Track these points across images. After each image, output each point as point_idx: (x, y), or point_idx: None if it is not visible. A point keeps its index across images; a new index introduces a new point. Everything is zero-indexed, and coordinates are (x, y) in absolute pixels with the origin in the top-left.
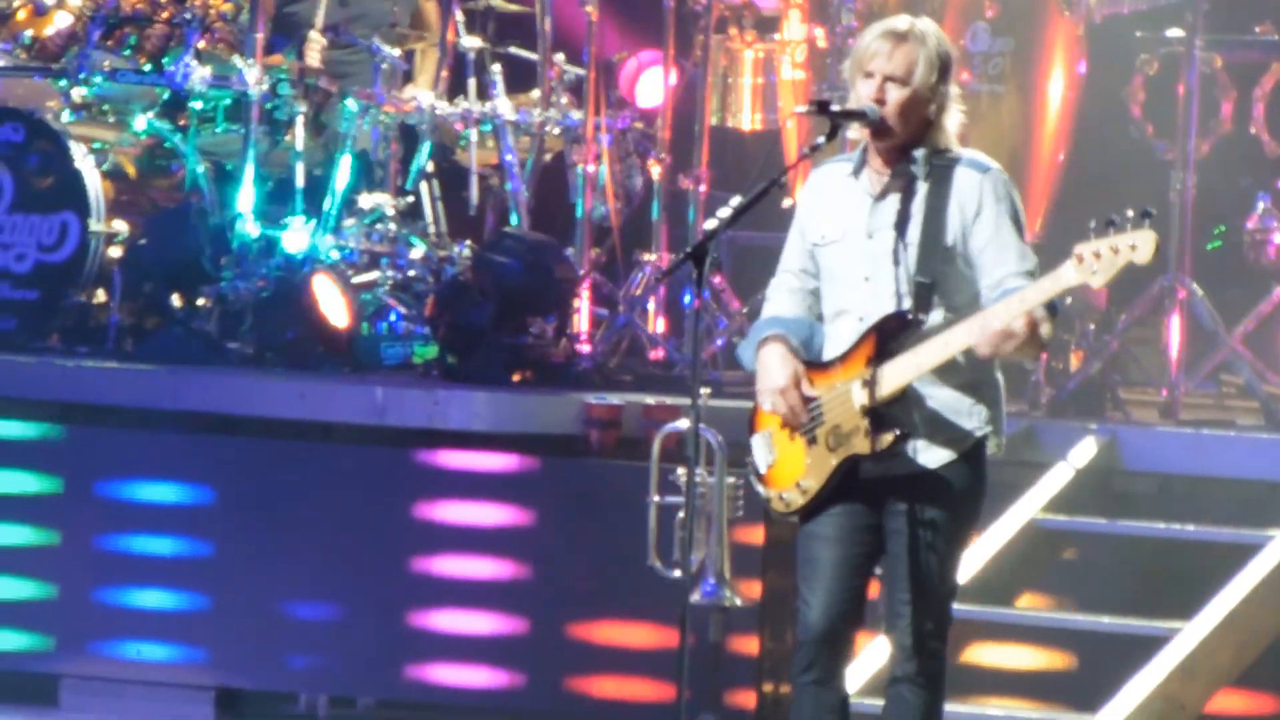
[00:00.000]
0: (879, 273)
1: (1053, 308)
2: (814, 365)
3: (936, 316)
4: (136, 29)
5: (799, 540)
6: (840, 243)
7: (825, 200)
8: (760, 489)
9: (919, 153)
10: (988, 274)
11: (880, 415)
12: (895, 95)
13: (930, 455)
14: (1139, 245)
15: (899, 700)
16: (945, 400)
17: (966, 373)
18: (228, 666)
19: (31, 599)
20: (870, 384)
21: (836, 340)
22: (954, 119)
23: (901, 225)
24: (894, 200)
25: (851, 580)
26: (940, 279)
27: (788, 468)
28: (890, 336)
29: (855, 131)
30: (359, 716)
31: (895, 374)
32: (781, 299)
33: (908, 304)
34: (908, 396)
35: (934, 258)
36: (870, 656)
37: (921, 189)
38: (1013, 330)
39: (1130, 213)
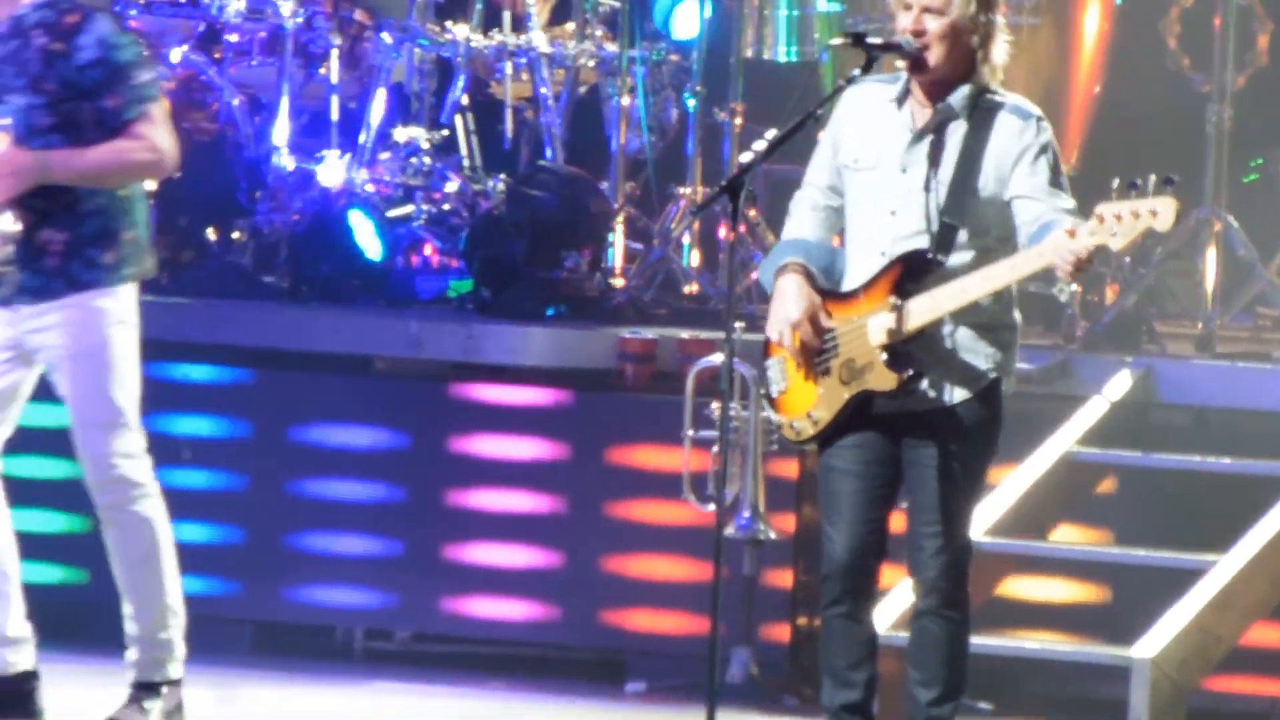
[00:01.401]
0: (907, 208)
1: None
2: (831, 295)
3: (962, 258)
4: None
5: (819, 474)
6: (873, 171)
7: (862, 122)
8: (772, 414)
9: (963, 90)
10: (1027, 211)
11: (896, 353)
12: (933, 26)
13: (946, 393)
14: (1160, 211)
15: (924, 633)
16: (962, 340)
17: (986, 313)
18: (263, 600)
19: (64, 532)
20: (889, 321)
21: (856, 271)
22: (1000, 51)
23: (936, 164)
24: (932, 136)
25: (872, 512)
26: (968, 221)
27: (799, 396)
28: (910, 275)
29: (898, 63)
30: (395, 650)
31: (914, 314)
32: (804, 218)
33: (932, 243)
34: (925, 334)
35: (964, 199)
36: (900, 592)
37: (961, 129)
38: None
39: (1153, 177)
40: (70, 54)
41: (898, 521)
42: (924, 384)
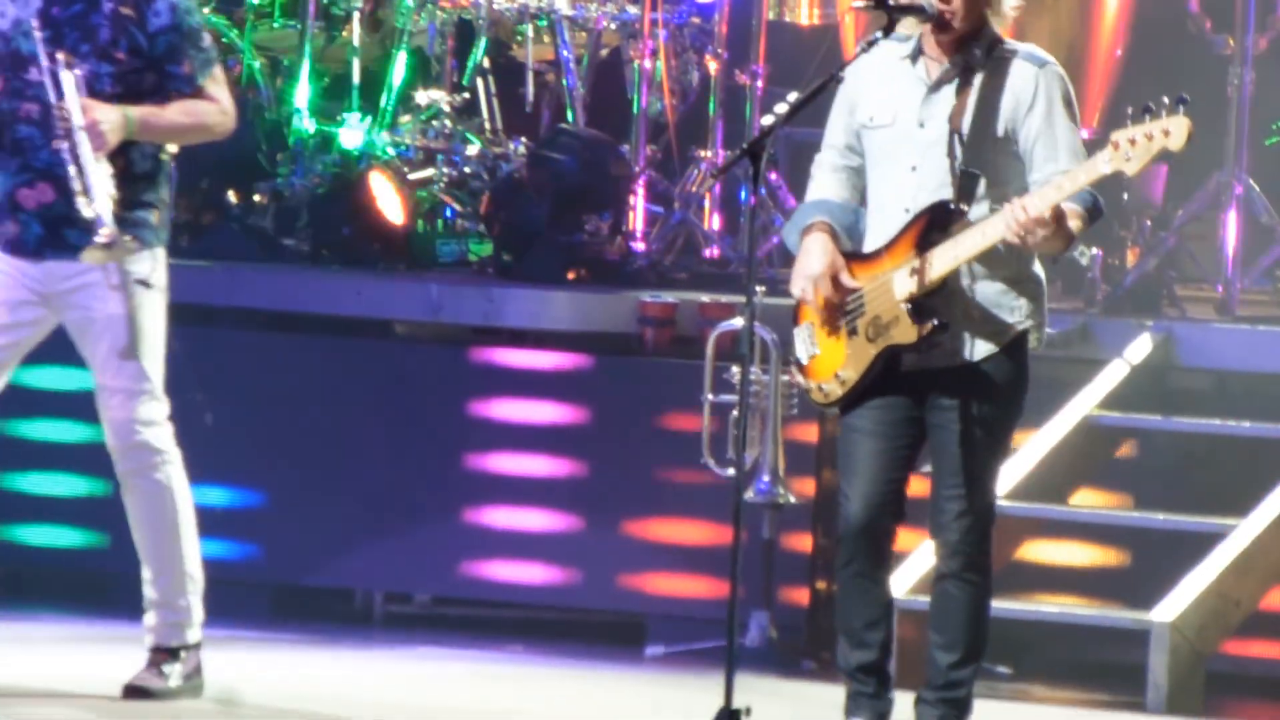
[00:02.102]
0: (927, 162)
1: (1097, 209)
2: (855, 256)
3: (982, 209)
4: None
5: (840, 434)
6: (890, 128)
7: (876, 81)
8: (801, 380)
9: (976, 44)
10: (1038, 168)
11: (920, 305)
12: None
13: (972, 348)
14: (1172, 131)
15: (945, 596)
16: (987, 293)
17: (1009, 266)
18: (283, 564)
19: (84, 495)
20: (912, 273)
21: (879, 229)
22: (1010, 3)
23: (954, 116)
24: (949, 90)
25: (890, 474)
26: (988, 171)
27: (828, 359)
28: (933, 226)
29: (912, 27)
30: (414, 613)
31: (936, 263)
32: (826, 179)
33: (955, 194)
34: (948, 288)
35: (983, 149)
36: (920, 555)
37: (977, 80)
38: (1043, 218)
39: (1166, 100)
40: (143, 20)
41: (917, 486)
42: (948, 338)
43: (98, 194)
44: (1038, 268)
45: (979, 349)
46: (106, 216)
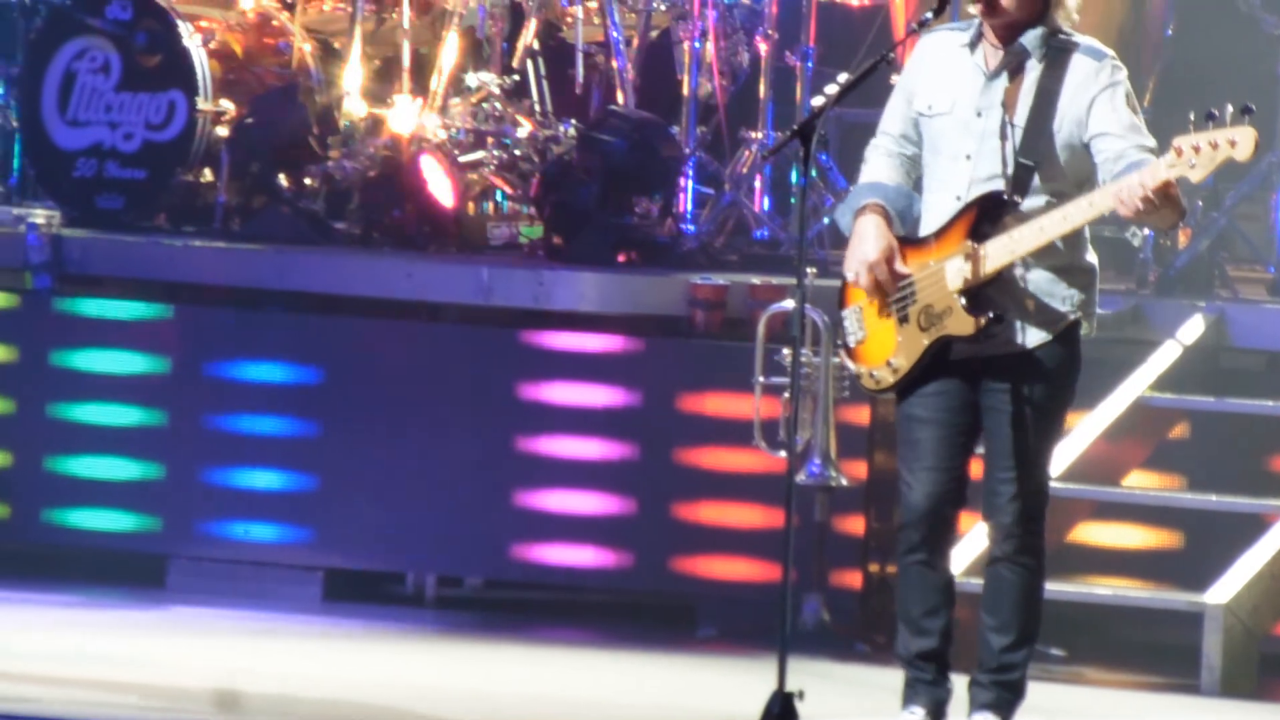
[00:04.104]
0: (983, 151)
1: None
2: (908, 241)
3: (1036, 200)
4: None
5: (898, 422)
6: (948, 115)
7: (936, 69)
8: (850, 364)
9: (1035, 32)
10: (1109, 148)
11: (975, 296)
12: None
13: (1025, 336)
14: (1239, 141)
15: (998, 579)
16: (1039, 282)
17: (1062, 255)
18: (335, 547)
19: (139, 479)
20: (966, 264)
21: (932, 216)
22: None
23: (1010, 106)
24: (1006, 79)
25: (952, 460)
26: (1043, 162)
27: (878, 345)
28: (987, 217)
29: (971, 7)
30: (466, 596)
31: (991, 256)
32: (880, 163)
33: (1008, 185)
34: (1002, 278)
35: (1039, 141)
36: (973, 538)
37: (1035, 70)
38: (1149, 195)
39: (1230, 108)
40: None
41: (976, 469)
42: (1003, 328)
43: None
44: (1090, 256)
45: (1032, 337)
46: None
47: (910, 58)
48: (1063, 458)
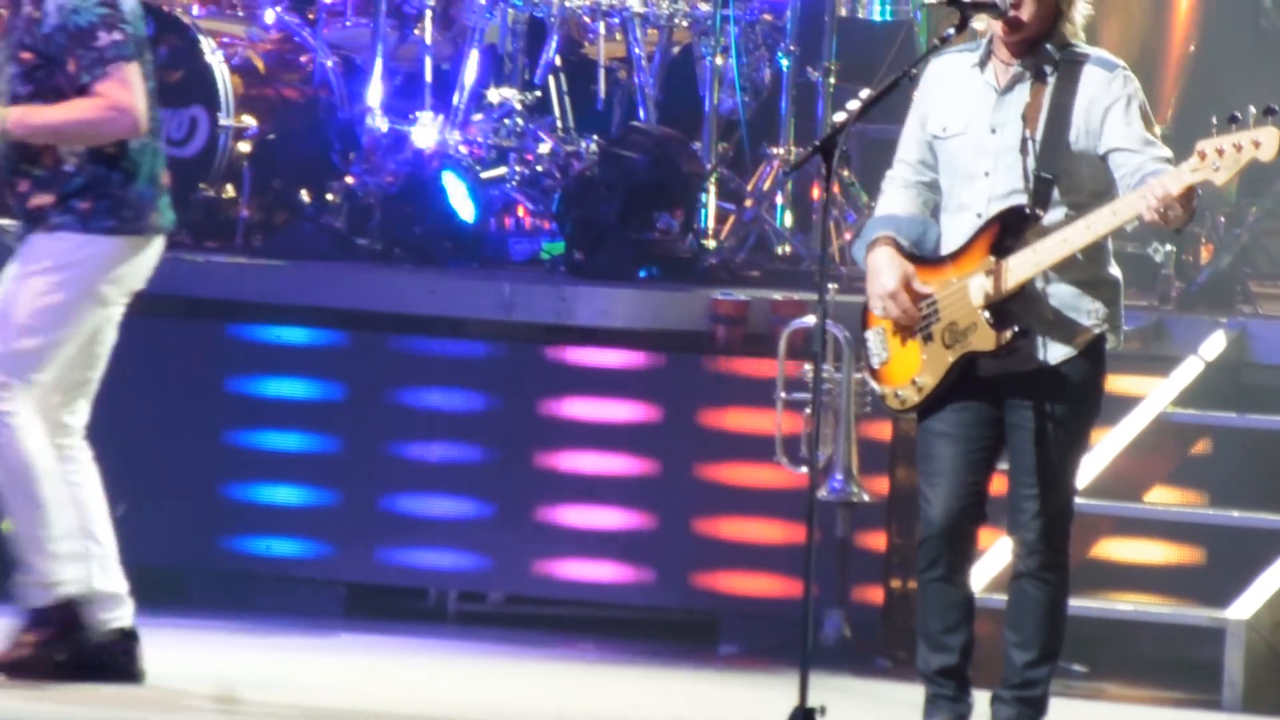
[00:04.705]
0: (1000, 167)
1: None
2: (927, 262)
3: (1056, 214)
4: None
5: (919, 437)
6: (963, 135)
7: (947, 91)
8: (874, 385)
9: (1046, 47)
10: (1126, 163)
11: (999, 311)
12: None
13: (1049, 352)
14: (1262, 142)
15: (1022, 595)
16: (1063, 297)
17: (1085, 269)
18: (357, 562)
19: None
20: (989, 279)
21: (953, 235)
22: (1081, 9)
23: (1027, 120)
24: (1019, 94)
25: (971, 476)
26: (1061, 175)
27: (902, 364)
28: (1008, 232)
29: (983, 23)
30: (487, 611)
31: (1014, 270)
32: (895, 195)
33: (1029, 199)
34: (1026, 293)
35: (1057, 154)
36: (996, 553)
37: (1049, 84)
38: (1173, 199)
39: (1253, 110)
40: (40, 21)
41: (996, 484)
42: (1027, 343)
43: None
44: (1114, 269)
45: (1056, 352)
46: None
47: (921, 82)
48: (1085, 473)
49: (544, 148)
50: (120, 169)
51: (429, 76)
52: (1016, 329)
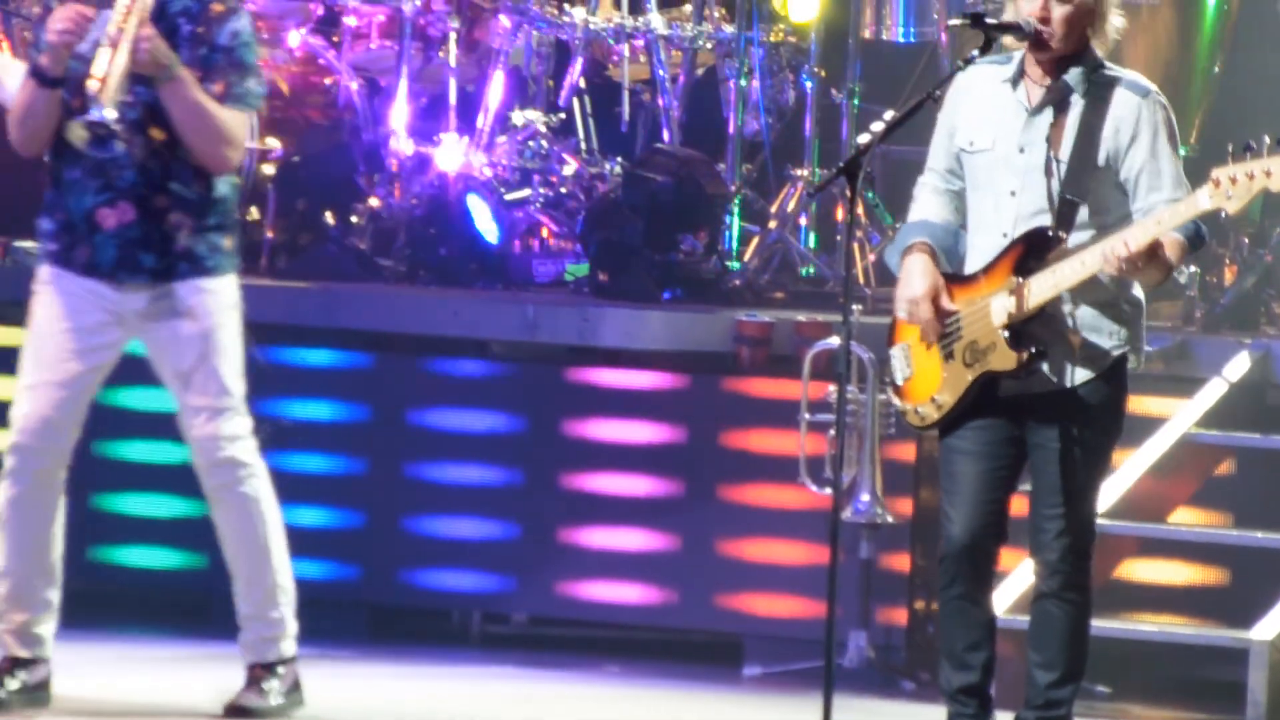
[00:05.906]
0: (1027, 187)
1: (1198, 237)
2: (954, 279)
3: (1082, 236)
4: None
5: (941, 455)
6: (990, 152)
7: (977, 104)
8: (896, 401)
9: (1077, 69)
10: (1141, 198)
11: (1018, 332)
12: (1059, 12)
13: (1071, 374)
14: (1274, 171)
15: (1045, 616)
16: (1084, 318)
17: (1107, 290)
18: (381, 584)
19: (184, 516)
20: (1010, 300)
21: (978, 254)
22: (1113, 25)
23: (1054, 141)
24: (1049, 114)
25: (992, 494)
26: (1088, 198)
27: (924, 381)
28: (1032, 253)
29: (1013, 41)
30: (512, 633)
31: (1035, 291)
32: (928, 200)
33: (1054, 221)
34: (1046, 314)
35: (1084, 176)
36: (1019, 575)
37: (1078, 105)
38: (1142, 252)
39: (1267, 139)
40: (210, 41)
41: (1018, 505)
42: (1046, 365)
43: (111, 86)
44: (1137, 290)
45: (1078, 374)
46: (109, 109)
47: (950, 92)
48: (1108, 494)
49: (568, 169)
50: (238, 205)
51: (453, 99)
52: (1034, 349)
